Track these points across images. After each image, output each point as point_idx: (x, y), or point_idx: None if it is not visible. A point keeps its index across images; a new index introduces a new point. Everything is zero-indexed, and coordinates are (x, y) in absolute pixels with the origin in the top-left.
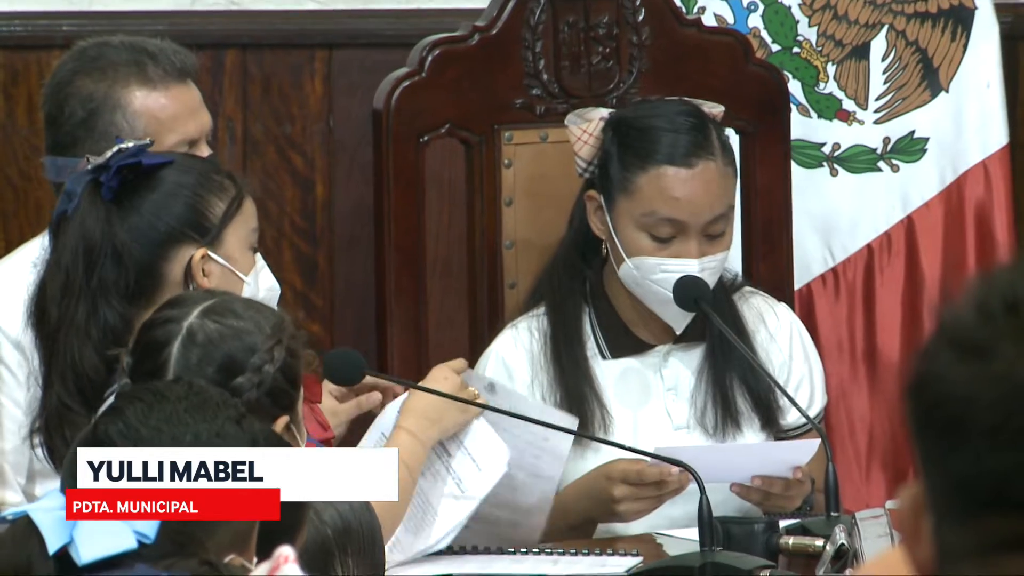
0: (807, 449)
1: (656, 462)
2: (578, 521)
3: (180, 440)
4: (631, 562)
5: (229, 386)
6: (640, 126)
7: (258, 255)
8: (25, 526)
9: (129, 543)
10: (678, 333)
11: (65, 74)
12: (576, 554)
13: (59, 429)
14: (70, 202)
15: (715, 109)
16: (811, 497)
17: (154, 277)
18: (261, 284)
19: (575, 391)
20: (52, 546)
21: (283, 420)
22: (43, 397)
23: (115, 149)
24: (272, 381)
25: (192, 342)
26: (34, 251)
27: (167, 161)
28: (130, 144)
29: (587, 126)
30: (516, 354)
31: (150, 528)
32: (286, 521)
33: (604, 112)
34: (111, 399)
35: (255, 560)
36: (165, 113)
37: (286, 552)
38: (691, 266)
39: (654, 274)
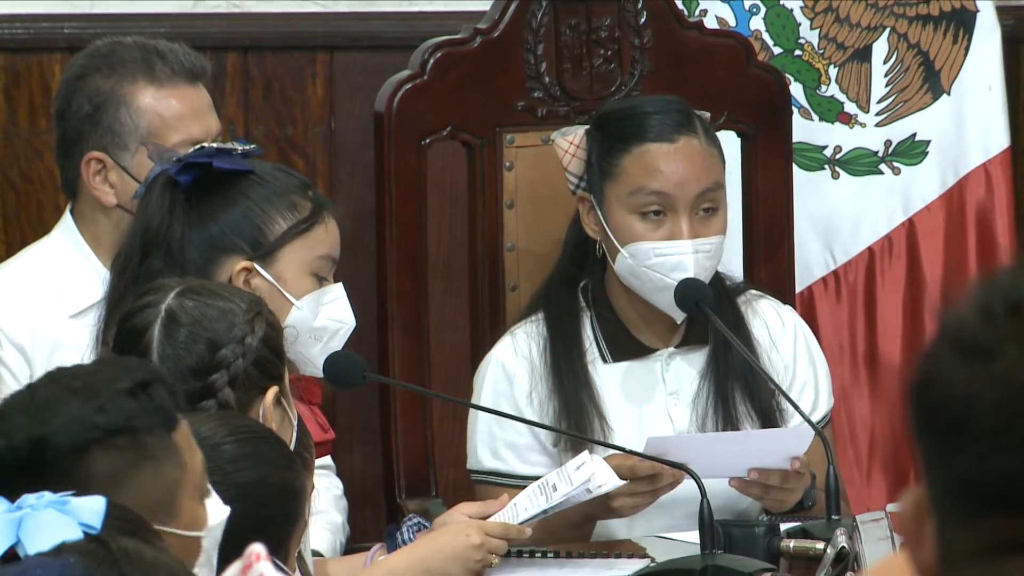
0: (802, 436)
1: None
2: (577, 519)
3: None
4: (638, 564)
5: (215, 360)
6: (622, 115)
7: (338, 286)
8: None
9: (76, 536)
10: (678, 323)
11: (76, 70)
12: (582, 556)
13: None
14: (144, 188)
15: (703, 115)
16: (812, 492)
17: (202, 279)
18: (326, 314)
19: (573, 400)
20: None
21: (273, 390)
22: None
23: (198, 147)
24: (256, 351)
25: (175, 323)
26: (36, 255)
27: (245, 169)
28: (214, 144)
29: (572, 137)
30: (517, 362)
31: (96, 518)
32: (283, 512)
33: (586, 126)
34: None
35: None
36: (170, 112)
37: (257, 549)
38: (684, 247)
39: (649, 259)
